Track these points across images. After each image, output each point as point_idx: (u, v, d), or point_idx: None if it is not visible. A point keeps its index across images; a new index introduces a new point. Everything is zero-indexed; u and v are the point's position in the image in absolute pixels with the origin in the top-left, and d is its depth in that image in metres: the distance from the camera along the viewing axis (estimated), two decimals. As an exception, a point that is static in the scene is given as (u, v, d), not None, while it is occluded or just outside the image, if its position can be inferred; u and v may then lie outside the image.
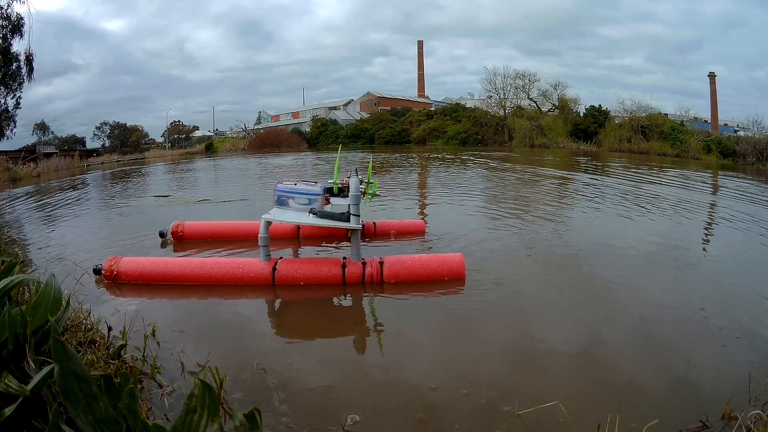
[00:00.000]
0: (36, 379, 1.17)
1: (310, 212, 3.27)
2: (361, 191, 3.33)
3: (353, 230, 3.20)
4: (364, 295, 3.11)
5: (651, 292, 3.09)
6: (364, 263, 3.20)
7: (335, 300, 3.09)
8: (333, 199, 3.62)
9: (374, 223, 4.57)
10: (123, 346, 2.02)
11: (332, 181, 3.57)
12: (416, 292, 3.10)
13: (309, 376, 2.04)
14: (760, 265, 3.93)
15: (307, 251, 4.30)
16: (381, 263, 3.18)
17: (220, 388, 1.78)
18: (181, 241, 4.54)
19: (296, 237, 4.60)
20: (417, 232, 4.60)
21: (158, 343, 2.27)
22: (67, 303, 1.75)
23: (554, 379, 2.02)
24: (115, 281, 3.27)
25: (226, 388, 1.84)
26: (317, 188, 3.42)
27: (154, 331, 2.35)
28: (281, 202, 3.42)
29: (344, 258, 3.28)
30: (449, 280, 3.21)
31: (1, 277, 1.66)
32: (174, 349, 2.22)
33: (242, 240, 4.46)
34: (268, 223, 3.18)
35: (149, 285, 3.21)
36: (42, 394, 1.20)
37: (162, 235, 4.61)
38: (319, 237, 4.55)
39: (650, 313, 2.71)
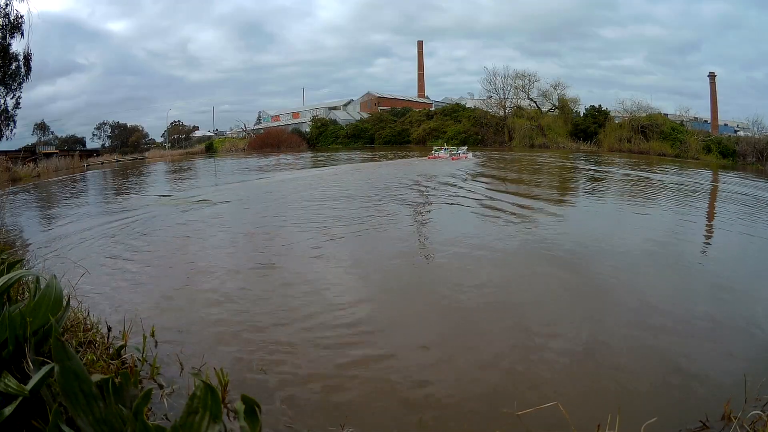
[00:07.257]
0: (35, 378, 1.16)
1: None
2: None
3: None
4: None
5: (651, 292, 3.08)
6: None
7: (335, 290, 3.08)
8: None
9: None
10: (122, 347, 2.01)
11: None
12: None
13: (309, 376, 2.04)
14: (759, 265, 3.93)
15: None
16: None
17: (225, 390, 1.77)
18: None
19: None
20: None
21: (156, 343, 2.27)
22: (67, 303, 1.74)
23: (554, 380, 2.01)
24: None
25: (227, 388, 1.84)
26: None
27: (153, 331, 2.34)
28: None
29: None
30: None
31: (1, 275, 1.65)
32: (173, 350, 2.21)
33: None
34: None
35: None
36: (42, 395, 1.19)
37: None
38: None
39: (650, 314, 2.70)
